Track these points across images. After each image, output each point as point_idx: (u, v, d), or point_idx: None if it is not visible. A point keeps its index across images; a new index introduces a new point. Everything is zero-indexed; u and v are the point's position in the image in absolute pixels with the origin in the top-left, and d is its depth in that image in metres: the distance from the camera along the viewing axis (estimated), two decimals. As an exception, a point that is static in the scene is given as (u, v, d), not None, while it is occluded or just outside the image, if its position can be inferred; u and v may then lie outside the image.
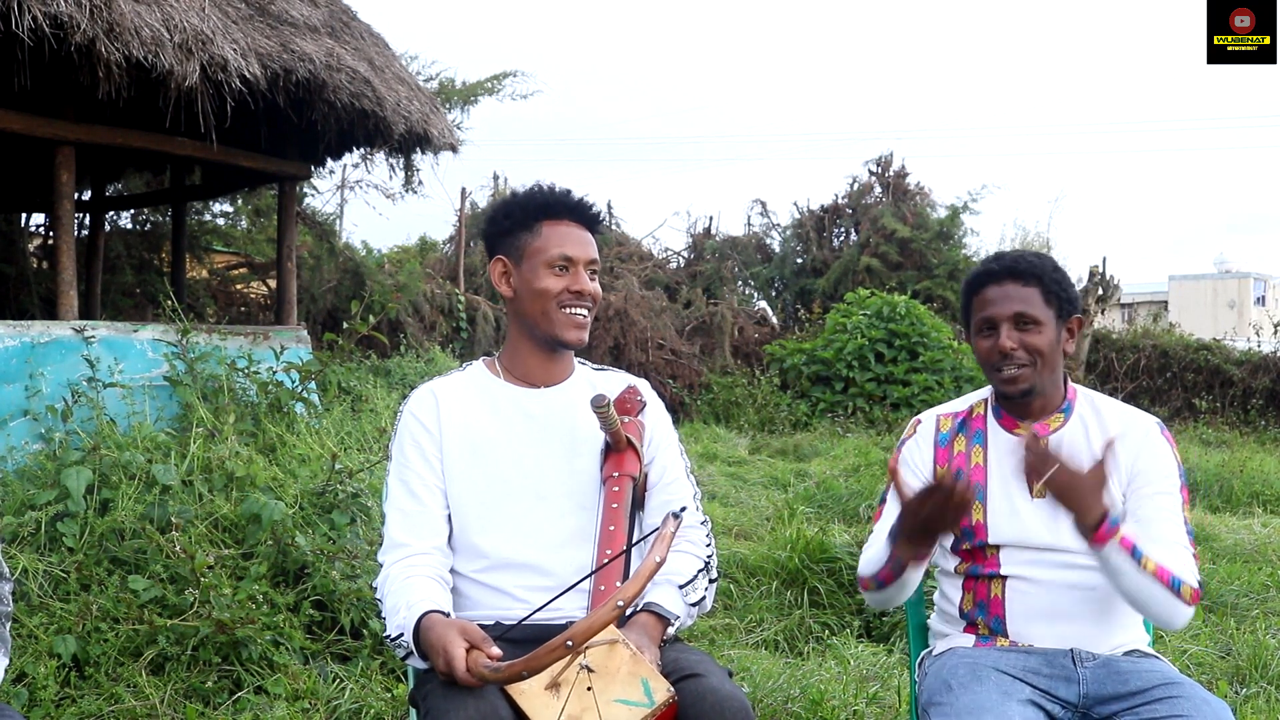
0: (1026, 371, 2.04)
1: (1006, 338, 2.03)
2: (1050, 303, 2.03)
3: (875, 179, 15.86)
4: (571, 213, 2.03)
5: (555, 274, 1.99)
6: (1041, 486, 1.85)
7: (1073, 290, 2.06)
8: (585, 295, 2.00)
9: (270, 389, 5.30)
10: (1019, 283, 2.04)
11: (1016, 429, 2.08)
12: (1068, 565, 2.00)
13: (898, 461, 2.13)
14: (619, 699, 1.64)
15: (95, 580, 3.42)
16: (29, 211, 10.03)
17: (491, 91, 11.55)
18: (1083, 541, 1.85)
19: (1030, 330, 2.03)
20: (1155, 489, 2.00)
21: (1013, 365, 2.04)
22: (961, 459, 2.10)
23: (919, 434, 2.17)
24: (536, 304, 2.00)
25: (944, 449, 2.13)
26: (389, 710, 3.08)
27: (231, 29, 5.51)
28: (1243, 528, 5.72)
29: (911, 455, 2.15)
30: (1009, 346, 2.02)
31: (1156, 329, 14.27)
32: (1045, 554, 2.01)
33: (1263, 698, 3.24)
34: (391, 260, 12.37)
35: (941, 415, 2.18)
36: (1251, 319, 23.95)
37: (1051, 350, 2.03)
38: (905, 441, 2.18)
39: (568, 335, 2.01)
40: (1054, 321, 2.03)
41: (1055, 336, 2.03)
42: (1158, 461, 2.02)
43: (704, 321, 13.00)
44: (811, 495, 6.27)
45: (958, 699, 1.85)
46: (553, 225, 2.01)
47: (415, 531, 1.94)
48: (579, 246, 2.01)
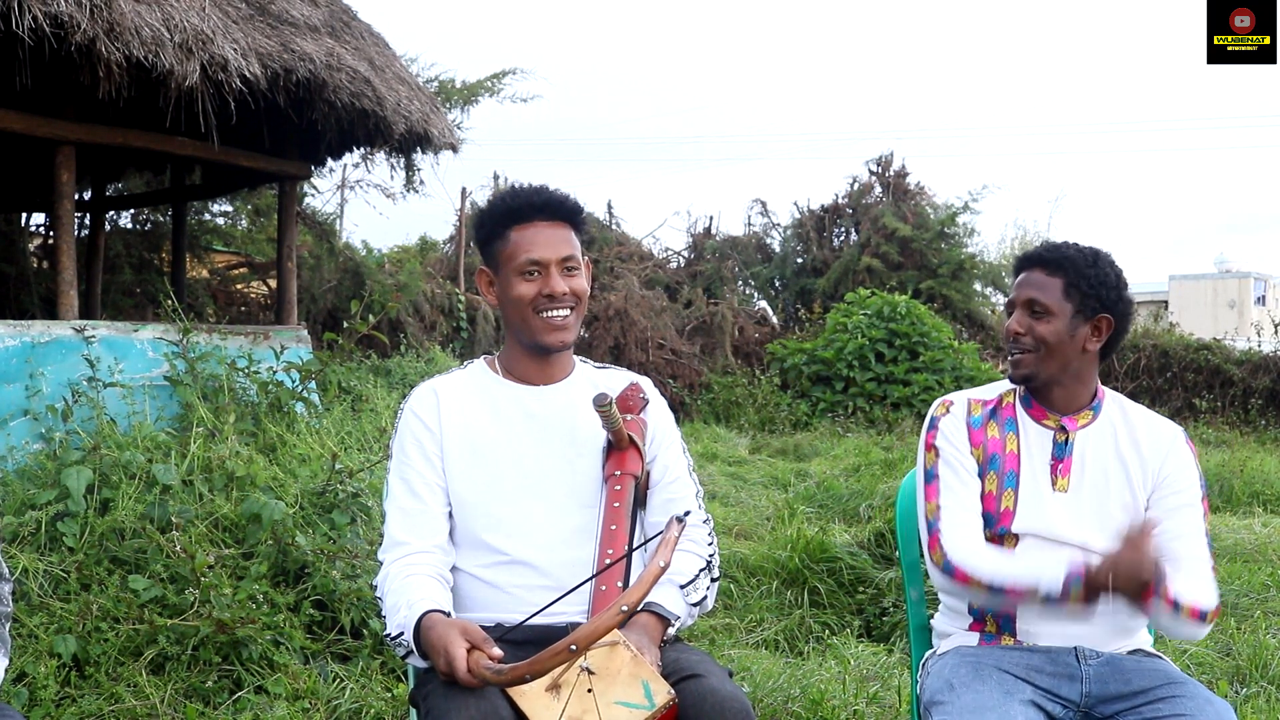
0: (1027, 357, 2.05)
1: (1016, 321, 2.06)
2: (1070, 296, 2.02)
3: (875, 178, 15.85)
4: (540, 212, 1.98)
5: (527, 280, 1.96)
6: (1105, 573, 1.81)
7: (1108, 290, 2.03)
8: (559, 296, 1.96)
9: (270, 389, 5.30)
10: (1045, 270, 2.05)
11: (1045, 420, 2.09)
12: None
13: (936, 437, 2.11)
14: (619, 701, 1.64)
15: (95, 580, 3.42)
16: (29, 211, 10.04)
17: (492, 91, 11.54)
18: (1126, 604, 1.83)
19: (1041, 318, 2.03)
20: (1181, 500, 2.02)
21: (1016, 349, 2.06)
22: (996, 444, 2.09)
23: (952, 412, 2.14)
24: (515, 312, 1.99)
25: (978, 431, 2.10)
26: (389, 710, 3.08)
27: (232, 29, 5.51)
28: (1243, 527, 5.71)
29: (950, 430, 2.11)
30: (1015, 330, 2.06)
31: (1157, 328, 14.26)
32: (1064, 549, 2.00)
33: (1263, 697, 3.24)
34: (392, 260, 12.37)
35: (973, 399, 2.16)
36: (1252, 319, 23.94)
37: (1059, 342, 2.02)
38: (940, 419, 2.13)
39: (547, 339, 1.99)
40: (1070, 315, 2.02)
41: (1067, 329, 2.02)
42: (1183, 471, 2.04)
43: (704, 321, 13.00)
44: (812, 495, 6.27)
45: (960, 698, 1.85)
46: (521, 229, 1.97)
47: (416, 530, 1.94)
48: (547, 247, 1.96)
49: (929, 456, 2.12)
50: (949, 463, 2.08)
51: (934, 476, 2.10)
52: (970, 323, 14.24)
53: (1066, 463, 2.05)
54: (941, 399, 2.19)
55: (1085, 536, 2.00)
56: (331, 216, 12.37)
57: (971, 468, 2.07)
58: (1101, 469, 2.04)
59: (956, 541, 2.00)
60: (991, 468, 2.07)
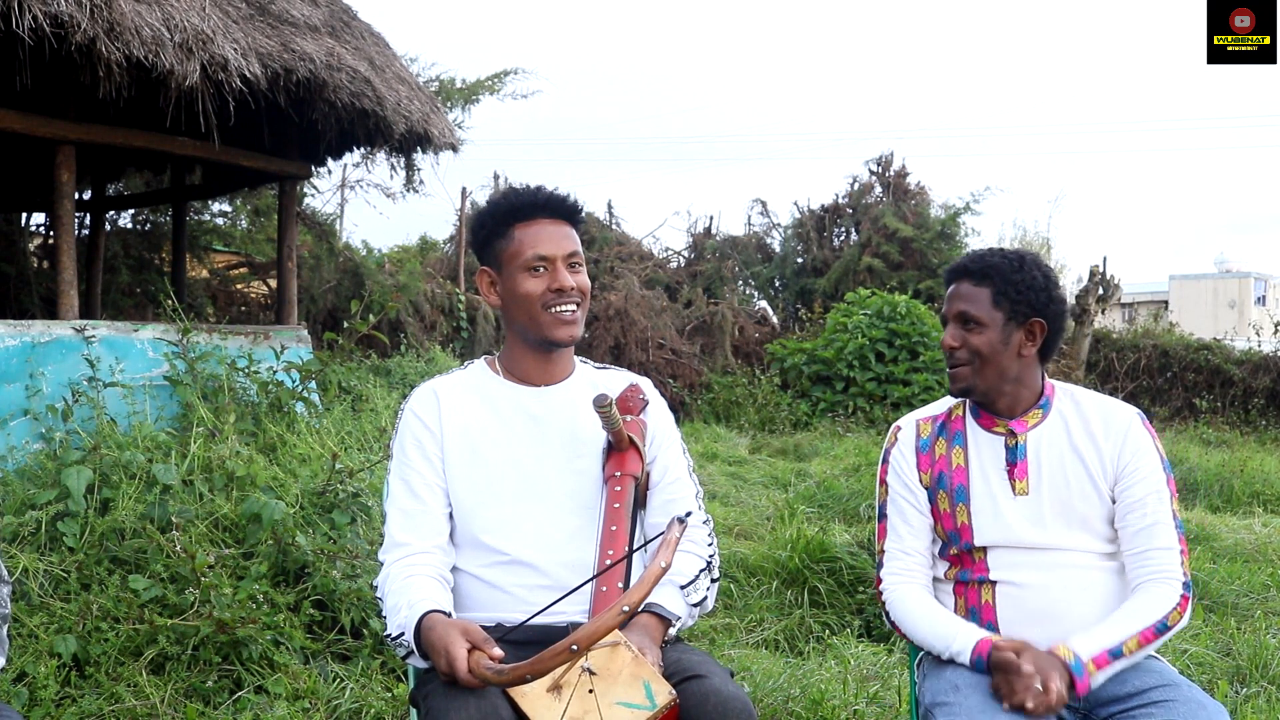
0: (964, 370, 2.07)
1: (950, 335, 2.08)
2: (1000, 305, 2.03)
3: (876, 178, 15.85)
4: (542, 209, 2.00)
5: (534, 276, 1.97)
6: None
7: (1037, 294, 2.03)
8: (567, 291, 1.97)
9: (270, 389, 5.30)
10: (972, 282, 2.07)
11: (995, 427, 2.10)
12: (1056, 565, 2.01)
13: (887, 472, 2.17)
14: (621, 701, 1.63)
15: (96, 580, 3.42)
16: (29, 211, 10.04)
17: (492, 90, 11.54)
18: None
19: (973, 330, 2.05)
20: (1145, 488, 2.01)
21: (953, 363, 2.08)
22: (943, 463, 2.11)
23: (900, 441, 2.18)
24: (522, 310, 1.99)
25: (925, 454, 2.14)
26: (389, 710, 3.08)
27: (232, 28, 5.51)
28: (1243, 527, 5.71)
29: (899, 463, 2.16)
30: (949, 344, 2.08)
31: (1157, 328, 14.25)
32: (1033, 553, 2.01)
33: (1263, 697, 3.24)
34: (392, 260, 12.36)
35: (920, 420, 2.19)
36: (1252, 319, 23.94)
37: (993, 352, 2.03)
38: (890, 450, 2.19)
39: (557, 334, 1.99)
40: (1002, 323, 2.03)
41: (1000, 338, 2.03)
42: (1143, 456, 2.04)
43: (704, 321, 13.00)
44: (812, 495, 6.27)
45: (966, 699, 1.84)
46: (524, 227, 1.99)
47: (416, 530, 1.94)
48: (553, 243, 1.98)
49: (881, 491, 2.19)
50: (895, 501, 2.14)
51: (883, 515, 2.18)
52: (970, 323, 14.23)
53: (1022, 465, 2.06)
54: (894, 425, 2.22)
55: (1051, 538, 2.01)
56: (331, 216, 12.39)
57: (919, 501, 2.12)
58: (1058, 466, 2.05)
59: (892, 592, 2.10)
60: (940, 486, 2.10)
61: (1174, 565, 1.97)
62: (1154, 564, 1.98)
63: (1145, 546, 1.99)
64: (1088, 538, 2.03)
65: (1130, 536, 2.01)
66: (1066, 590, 2.00)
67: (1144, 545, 1.99)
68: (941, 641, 1.97)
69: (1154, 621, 1.92)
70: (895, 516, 2.14)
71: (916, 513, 2.12)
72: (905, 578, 2.10)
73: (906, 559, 2.11)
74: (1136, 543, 1.99)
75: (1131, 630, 1.90)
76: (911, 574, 2.10)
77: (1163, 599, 1.94)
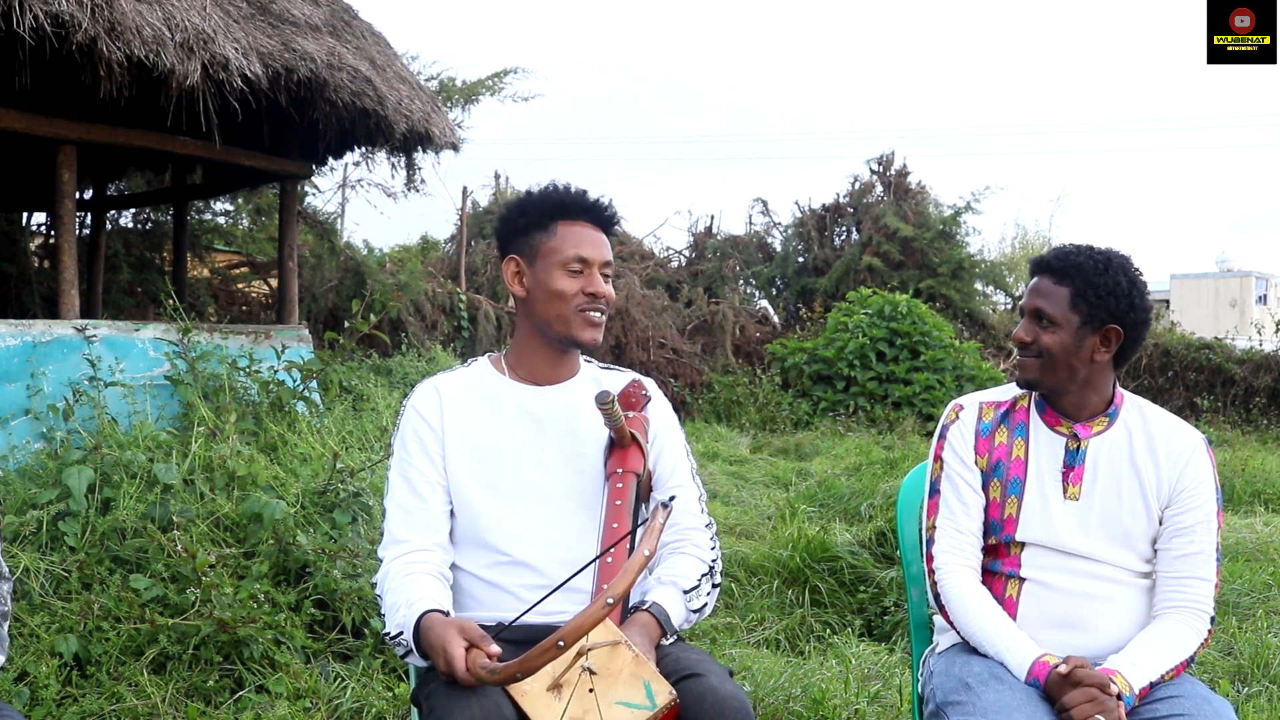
0: (1032, 364, 2.03)
1: (1023, 329, 2.04)
2: (1077, 307, 1.98)
3: (877, 178, 15.83)
4: (587, 213, 2.01)
5: (570, 275, 1.97)
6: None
7: (1116, 299, 1.98)
8: (600, 297, 1.99)
9: (271, 388, 5.30)
10: (1053, 279, 2.02)
11: (1058, 426, 2.07)
12: (1090, 575, 1.99)
13: (943, 449, 2.11)
14: (621, 701, 1.63)
15: (97, 579, 3.42)
16: (30, 210, 10.04)
17: (493, 90, 11.53)
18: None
19: (1047, 328, 2.01)
20: (1196, 517, 2.00)
21: (1023, 355, 2.05)
22: (1002, 451, 2.07)
23: (961, 419, 2.12)
24: (551, 305, 1.98)
25: (985, 439, 2.09)
26: (390, 709, 3.08)
27: (233, 28, 5.51)
28: (1244, 527, 5.71)
29: (956, 441, 2.10)
30: (1020, 337, 2.04)
31: (1158, 328, 14.23)
32: (1071, 559, 1.99)
33: (1265, 696, 3.24)
34: (393, 259, 12.36)
35: (984, 403, 2.13)
36: (1253, 318, 23.89)
37: (1063, 353, 1.99)
38: (949, 426, 2.12)
39: (584, 335, 2.00)
40: (1077, 326, 1.98)
41: (1073, 340, 1.98)
42: (1201, 484, 2.02)
43: (705, 320, 12.99)
44: (813, 494, 6.27)
45: (980, 697, 1.83)
46: (568, 225, 1.99)
47: (416, 528, 1.94)
48: (594, 248, 1.99)
49: (935, 467, 2.13)
50: (951, 479, 2.09)
51: (936, 491, 2.11)
52: (971, 322, 14.24)
53: (1079, 470, 2.03)
54: (955, 402, 2.17)
55: (1092, 547, 1.99)
56: (333, 216, 12.39)
57: (975, 481, 2.07)
58: (1114, 478, 2.02)
59: (949, 576, 2.03)
60: (995, 475, 2.06)
61: (1207, 598, 1.97)
62: (1190, 593, 1.97)
63: (1185, 574, 1.97)
64: (1127, 554, 2.01)
65: (1171, 560, 1.99)
66: (1094, 602, 1.98)
67: (1184, 572, 1.97)
68: (994, 648, 1.93)
69: (1189, 655, 1.93)
70: (950, 494, 2.07)
71: (972, 492, 2.06)
72: (960, 559, 2.04)
73: (960, 538, 2.05)
74: (1176, 568, 1.98)
75: (1172, 664, 1.91)
76: (965, 556, 2.05)
77: (1196, 633, 1.95)
